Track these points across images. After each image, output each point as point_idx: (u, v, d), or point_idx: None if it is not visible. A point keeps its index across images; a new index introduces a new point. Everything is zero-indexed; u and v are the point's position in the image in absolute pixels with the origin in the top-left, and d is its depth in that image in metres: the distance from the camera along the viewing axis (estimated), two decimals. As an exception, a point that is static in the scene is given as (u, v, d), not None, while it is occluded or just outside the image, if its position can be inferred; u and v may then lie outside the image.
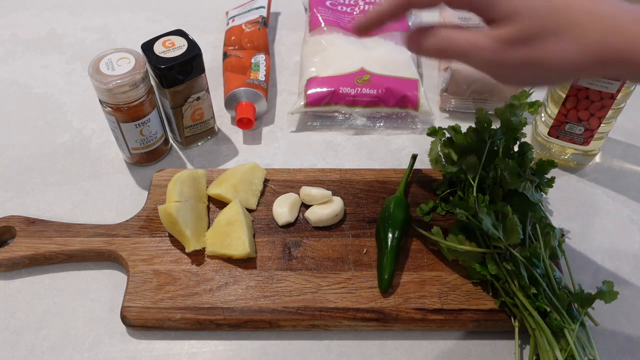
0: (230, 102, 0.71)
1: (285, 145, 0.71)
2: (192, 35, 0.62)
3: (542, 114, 0.66)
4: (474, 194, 0.55)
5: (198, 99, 0.64)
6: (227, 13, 0.86)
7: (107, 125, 0.63)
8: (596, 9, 0.36)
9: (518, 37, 0.36)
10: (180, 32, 0.62)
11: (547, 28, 0.36)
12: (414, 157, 0.63)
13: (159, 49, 0.60)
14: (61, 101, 0.76)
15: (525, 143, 0.58)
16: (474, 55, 0.39)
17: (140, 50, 0.61)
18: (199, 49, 0.61)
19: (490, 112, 0.60)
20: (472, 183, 0.55)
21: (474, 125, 0.59)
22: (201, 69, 0.62)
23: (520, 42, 0.36)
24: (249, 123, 0.69)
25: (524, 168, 0.57)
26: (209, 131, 0.70)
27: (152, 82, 0.62)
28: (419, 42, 0.40)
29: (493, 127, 0.58)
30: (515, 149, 0.59)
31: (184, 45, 0.61)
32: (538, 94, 0.68)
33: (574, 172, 0.67)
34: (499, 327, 0.52)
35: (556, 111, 0.62)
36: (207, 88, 0.65)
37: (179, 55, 0.60)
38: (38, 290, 0.56)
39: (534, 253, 0.51)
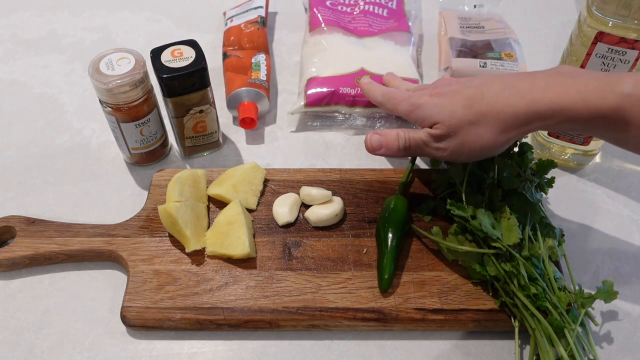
0: (233, 102, 0.71)
1: (285, 145, 0.71)
2: (200, 42, 0.62)
3: (542, 114, 0.66)
4: (463, 198, 0.55)
5: (201, 111, 0.63)
6: (224, 14, 0.86)
7: (107, 125, 0.63)
8: (488, 97, 0.49)
9: (444, 134, 0.51)
10: (192, 43, 0.61)
11: (460, 123, 0.50)
12: (414, 157, 0.63)
13: (166, 57, 0.59)
14: (61, 101, 0.76)
15: (525, 143, 0.58)
16: (425, 150, 0.54)
17: (139, 50, 0.60)
18: (205, 63, 0.59)
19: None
20: (461, 188, 0.55)
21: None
22: (205, 84, 0.61)
23: (446, 136, 0.51)
24: (252, 123, 0.69)
25: (524, 168, 0.57)
26: (212, 144, 0.68)
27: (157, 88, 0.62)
28: (390, 145, 0.55)
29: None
30: (516, 149, 0.59)
31: (191, 56, 0.60)
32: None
33: (574, 172, 0.67)
34: (499, 327, 0.52)
35: (556, 111, 0.62)
36: (212, 102, 0.64)
37: (182, 67, 0.59)
38: (38, 290, 0.56)
39: (534, 253, 0.51)
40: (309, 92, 0.71)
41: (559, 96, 0.46)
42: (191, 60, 0.59)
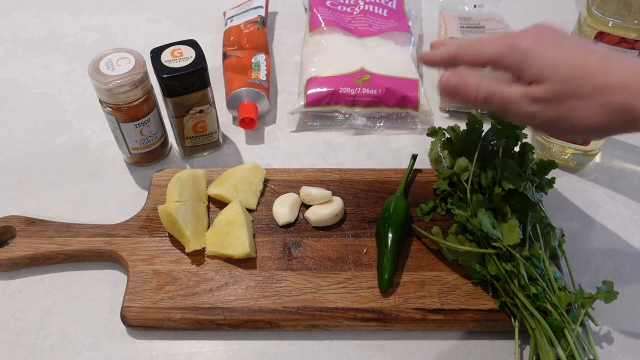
0: (233, 102, 0.71)
1: (285, 145, 0.71)
2: (200, 42, 0.62)
3: (542, 114, 0.66)
4: (468, 195, 0.55)
5: (201, 111, 0.63)
6: (224, 14, 0.86)
7: (107, 125, 0.63)
8: (618, 73, 0.39)
9: (545, 97, 0.41)
10: (192, 43, 0.61)
11: (572, 91, 0.40)
12: (414, 157, 0.63)
13: (166, 57, 0.59)
14: (61, 101, 0.76)
15: (526, 144, 0.58)
16: (512, 109, 0.43)
17: (139, 50, 0.60)
18: (205, 63, 0.59)
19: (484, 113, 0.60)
20: (466, 185, 0.55)
21: (473, 126, 0.59)
22: (205, 84, 0.61)
23: (547, 100, 0.41)
24: (252, 123, 0.69)
25: (525, 168, 0.57)
26: (212, 144, 0.68)
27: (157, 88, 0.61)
28: (467, 92, 0.45)
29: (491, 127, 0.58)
30: (517, 149, 0.59)
31: (191, 56, 0.59)
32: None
33: (574, 172, 0.67)
34: (499, 327, 0.52)
35: (556, 111, 0.62)
36: (212, 102, 0.64)
37: (182, 67, 0.59)
38: (38, 290, 0.56)
39: (534, 253, 0.51)
40: (309, 92, 0.71)
41: None
42: (191, 60, 0.59)
